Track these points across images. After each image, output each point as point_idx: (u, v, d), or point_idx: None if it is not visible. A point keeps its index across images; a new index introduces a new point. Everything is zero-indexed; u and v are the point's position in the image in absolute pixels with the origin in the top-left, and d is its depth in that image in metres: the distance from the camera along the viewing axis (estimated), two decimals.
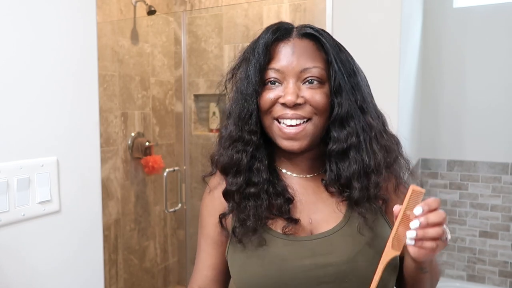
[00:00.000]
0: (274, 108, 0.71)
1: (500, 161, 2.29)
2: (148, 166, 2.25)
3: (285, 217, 0.72)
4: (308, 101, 0.69)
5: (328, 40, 0.72)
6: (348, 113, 0.70)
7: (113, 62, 2.12)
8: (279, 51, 0.71)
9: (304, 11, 2.16)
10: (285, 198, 0.73)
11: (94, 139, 0.93)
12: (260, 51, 0.71)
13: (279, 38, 0.71)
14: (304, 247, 0.70)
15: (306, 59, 0.70)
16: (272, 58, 0.71)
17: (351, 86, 0.71)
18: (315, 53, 0.71)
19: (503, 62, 2.25)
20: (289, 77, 0.70)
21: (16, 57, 0.77)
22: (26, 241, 0.81)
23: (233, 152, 0.73)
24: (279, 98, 0.70)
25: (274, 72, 0.70)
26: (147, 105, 2.36)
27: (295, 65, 0.69)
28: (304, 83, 0.70)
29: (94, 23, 0.92)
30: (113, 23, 2.12)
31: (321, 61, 0.71)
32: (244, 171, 0.72)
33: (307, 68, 0.69)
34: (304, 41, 0.71)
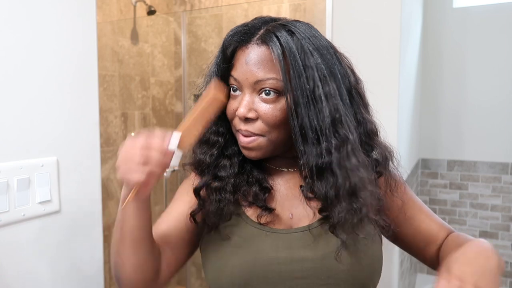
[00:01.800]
0: (235, 120, 0.69)
1: (500, 161, 2.29)
2: None
3: (259, 205, 0.70)
4: (260, 117, 0.65)
5: (289, 45, 0.63)
6: (311, 127, 0.63)
7: (113, 62, 2.12)
8: (237, 58, 0.67)
9: (304, 11, 2.16)
10: (262, 186, 0.72)
11: (94, 139, 0.93)
12: (220, 54, 0.69)
13: (239, 43, 0.66)
14: (281, 240, 0.69)
15: (260, 70, 0.64)
16: (234, 65, 0.67)
17: (315, 96, 0.63)
18: (272, 62, 0.64)
19: (503, 62, 2.26)
20: (245, 88, 0.66)
21: (16, 57, 0.77)
22: (26, 241, 0.81)
23: (199, 153, 0.73)
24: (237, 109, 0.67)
25: (233, 80, 0.67)
26: (147, 105, 2.36)
27: (248, 76, 0.65)
28: (260, 94, 0.65)
29: (94, 23, 0.92)
30: (113, 23, 2.12)
31: (280, 70, 0.63)
32: (209, 170, 0.72)
33: (260, 80, 0.64)
34: (261, 48, 0.64)
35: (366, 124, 0.70)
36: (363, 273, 0.68)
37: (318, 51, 0.65)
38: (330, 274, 0.66)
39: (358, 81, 0.72)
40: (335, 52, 0.68)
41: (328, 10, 1.52)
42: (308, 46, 0.64)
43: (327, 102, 0.64)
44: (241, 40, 0.66)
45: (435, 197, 2.48)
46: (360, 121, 0.69)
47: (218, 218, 0.70)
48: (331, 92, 0.64)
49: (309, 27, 0.68)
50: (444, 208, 2.45)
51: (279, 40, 0.63)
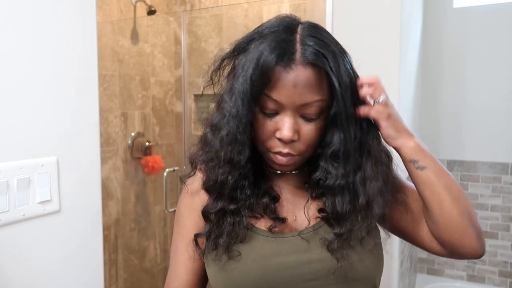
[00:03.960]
0: (270, 142, 0.65)
1: (500, 161, 2.29)
2: (148, 166, 2.26)
3: (272, 217, 0.69)
4: (302, 138, 0.64)
5: (330, 63, 0.61)
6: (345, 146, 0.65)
7: (113, 62, 2.12)
8: (279, 78, 0.61)
9: (304, 11, 2.16)
10: (270, 196, 0.70)
11: (94, 139, 0.93)
12: (255, 72, 0.61)
13: (278, 62, 0.60)
14: (287, 244, 0.68)
15: (309, 93, 0.61)
16: (271, 84, 0.61)
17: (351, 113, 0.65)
18: (318, 83, 0.62)
19: (503, 62, 2.25)
20: (288, 109, 0.62)
21: (16, 57, 0.77)
22: (26, 241, 0.81)
23: (217, 173, 0.67)
24: (276, 131, 0.64)
25: (272, 102, 0.62)
26: (147, 105, 2.36)
27: (296, 99, 0.61)
28: (303, 115, 0.64)
29: (94, 23, 0.92)
30: (113, 23, 2.12)
31: (325, 90, 0.63)
32: (228, 194, 0.68)
33: (308, 103, 0.62)
34: (307, 70, 0.61)
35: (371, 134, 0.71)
36: (368, 269, 0.69)
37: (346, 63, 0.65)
38: (339, 274, 0.66)
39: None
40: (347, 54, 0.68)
41: (328, 10, 1.52)
42: (341, 60, 0.64)
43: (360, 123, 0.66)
44: (282, 59, 0.60)
45: None
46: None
47: (231, 239, 0.67)
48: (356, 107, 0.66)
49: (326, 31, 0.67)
50: None
51: (324, 58, 0.61)
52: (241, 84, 0.62)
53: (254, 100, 0.63)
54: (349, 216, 0.67)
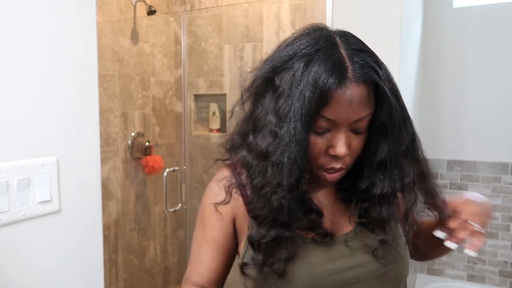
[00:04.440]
0: (321, 159, 0.65)
1: (500, 161, 2.29)
2: (148, 166, 2.26)
3: (319, 232, 0.69)
4: (351, 151, 0.64)
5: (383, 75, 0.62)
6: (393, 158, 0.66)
7: (113, 62, 2.12)
8: (335, 98, 0.59)
9: (304, 11, 2.16)
10: (315, 212, 0.68)
11: (94, 139, 0.93)
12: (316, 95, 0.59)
13: (334, 83, 0.59)
14: (332, 250, 0.70)
15: (362, 109, 0.61)
16: (326, 103, 0.60)
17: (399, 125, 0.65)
18: (370, 97, 0.62)
19: (503, 62, 2.25)
20: (341, 127, 0.62)
21: (16, 57, 0.77)
22: (26, 241, 0.81)
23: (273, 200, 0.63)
24: (328, 148, 0.63)
25: (326, 122, 0.61)
26: (147, 105, 2.36)
27: (350, 117, 0.61)
28: (353, 129, 0.63)
29: (94, 23, 0.92)
30: (113, 23, 2.12)
31: (373, 102, 0.63)
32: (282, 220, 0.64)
33: (361, 118, 0.62)
34: (361, 87, 0.60)
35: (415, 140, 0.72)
36: (402, 268, 0.72)
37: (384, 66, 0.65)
38: (378, 274, 0.69)
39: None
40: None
41: (328, 10, 1.52)
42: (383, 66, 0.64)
43: (406, 129, 0.66)
44: (336, 80, 0.59)
45: None
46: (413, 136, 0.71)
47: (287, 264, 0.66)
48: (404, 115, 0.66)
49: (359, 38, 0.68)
50: None
51: (375, 73, 0.61)
52: (298, 106, 0.60)
53: (312, 122, 0.61)
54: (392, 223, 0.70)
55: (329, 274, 0.68)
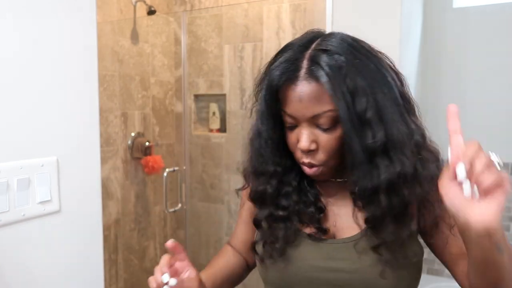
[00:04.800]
0: (296, 153, 0.70)
1: None
2: (148, 166, 2.25)
3: (316, 226, 0.73)
4: (321, 148, 0.66)
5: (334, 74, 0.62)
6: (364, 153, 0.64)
7: (113, 62, 2.12)
8: (287, 94, 0.65)
9: (304, 11, 2.15)
10: (316, 207, 0.74)
11: (94, 139, 0.93)
12: (267, 93, 0.67)
13: (286, 80, 0.65)
14: (323, 249, 0.72)
15: (316, 105, 0.63)
16: (284, 101, 0.66)
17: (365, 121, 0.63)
18: (325, 94, 0.63)
19: (503, 62, 2.25)
20: (302, 122, 0.66)
21: (16, 57, 0.77)
22: (26, 241, 0.81)
23: (257, 185, 0.75)
24: (298, 142, 0.68)
25: (288, 117, 0.67)
26: (147, 105, 2.36)
27: (305, 112, 0.64)
28: (318, 125, 0.65)
29: (94, 23, 0.92)
30: (113, 23, 2.12)
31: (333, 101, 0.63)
32: (271, 200, 0.74)
33: (317, 114, 0.64)
34: (311, 84, 0.63)
35: (413, 135, 0.67)
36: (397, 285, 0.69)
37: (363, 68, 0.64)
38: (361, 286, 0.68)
39: (403, 82, 0.70)
40: (377, 58, 0.67)
41: (328, 10, 1.52)
42: (352, 69, 0.63)
43: (378, 124, 0.64)
44: (288, 78, 0.64)
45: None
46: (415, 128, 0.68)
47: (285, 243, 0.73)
48: (380, 112, 0.64)
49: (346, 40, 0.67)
50: None
51: (325, 72, 0.62)
52: (259, 104, 0.71)
53: (272, 118, 0.69)
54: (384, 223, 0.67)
55: (314, 270, 0.70)
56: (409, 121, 0.68)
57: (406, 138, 0.65)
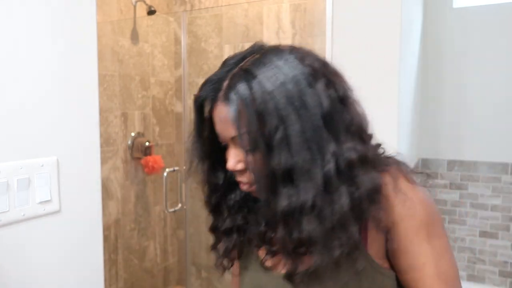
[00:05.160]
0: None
1: (500, 161, 2.29)
2: (148, 166, 2.25)
3: (266, 247, 0.70)
4: (249, 168, 0.63)
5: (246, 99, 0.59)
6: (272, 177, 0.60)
7: (113, 62, 2.12)
8: (212, 115, 0.66)
9: (304, 11, 2.15)
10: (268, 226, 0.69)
11: (94, 139, 0.93)
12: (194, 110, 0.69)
13: (210, 100, 0.65)
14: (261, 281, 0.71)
15: (232, 127, 0.61)
16: (212, 120, 0.66)
17: (274, 146, 0.59)
18: (238, 117, 0.60)
19: (503, 62, 2.25)
20: (227, 142, 0.65)
21: (16, 57, 0.77)
22: (26, 241, 0.81)
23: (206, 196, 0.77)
24: None
25: (219, 136, 0.67)
26: (147, 105, 2.36)
27: (225, 134, 0.64)
28: (243, 147, 0.62)
29: (94, 23, 0.92)
30: (113, 23, 2.12)
31: (244, 126, 0.61)
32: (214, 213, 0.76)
33: (234, 136, 0.62)
34: (227, 107, 0.61)
35: (342, 156, 0.60)
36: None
37: (280, 92, 0.59)
38: None
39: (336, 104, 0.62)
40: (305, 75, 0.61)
41: (328, 10, 1.52)
42: (266, 93, 0.59)
43: (285, 150, 0.59)
44: (211, 97, 0.65)
45: (435, 197, 2.48)
46: (335, 153, 0.60)
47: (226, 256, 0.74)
48: (289, 138, 0.58)
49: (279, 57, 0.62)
50: (444, 208, 2.45)
51: (238, 95, 0.59)
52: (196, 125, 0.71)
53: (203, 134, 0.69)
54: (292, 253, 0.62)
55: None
56: (329, 145, 0.60)
57: (319, 164, 0.59)
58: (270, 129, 0.59)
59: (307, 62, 0.62)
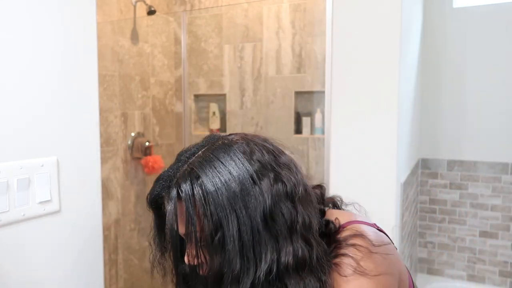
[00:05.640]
0: None
1: (500, 161, 2.29)
2: (148, 166, 2.25)
3: None
4: (199, 264, 0.63)
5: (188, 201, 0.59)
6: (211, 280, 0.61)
7: (113, 62, 2.12)
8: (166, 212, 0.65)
9: (304, 11, 2.16)
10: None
11: (94, 139, 0.93)
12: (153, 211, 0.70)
13: (163, 196, 0.65)
14: None
15: (181, 225, 0.62)
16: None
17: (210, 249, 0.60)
18: (182, 217, 0.61)
19: (503, 62, 2.26)
20: (185, 238, 0.64)
21: (16, 57, 0.77)
22: (26, 241, 0.81)
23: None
24: None
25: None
26: (147, 105, 2.36)
27: (180, 230, 0.63)
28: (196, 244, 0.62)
29: (94, 23, 0.92)
30: (113, 23, 2.12)
31: (198, 222, 0.60)
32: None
33: (186, 233, 0.61)
34: (174, 206, 0.61)
35: (279, 261, 0.59)
36: None
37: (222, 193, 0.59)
38: None
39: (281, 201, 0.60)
40: (253, 179, 0.60)
41: (328, 10, 1.52)
42: (210, 198, 0.59)
43: (219, 253, 0.59)
44: (161, 195, 0.66)
45: (435, 197, 2.48)
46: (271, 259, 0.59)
47: None
48: (224, 241, 0.58)
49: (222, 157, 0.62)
50: (444, 208, 2.45)
51: (182, 195, 0.60)
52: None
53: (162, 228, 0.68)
54: None
55: None
56: (267, 250, 0.59)
57: (251, 273, 0.58)
58: (208, 233, 0.59)
59: (256, 157, 0.61)
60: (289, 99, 2.25)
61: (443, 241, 2.43)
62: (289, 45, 2.21)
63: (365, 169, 1.49)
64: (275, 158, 0.64)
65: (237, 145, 0.63)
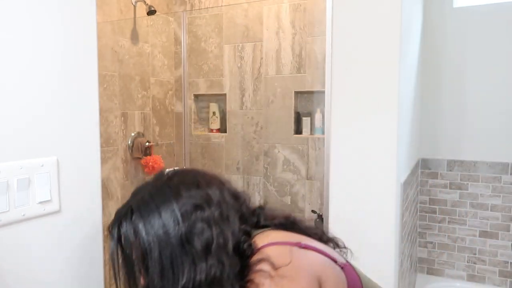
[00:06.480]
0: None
1: (500, 161, 2.29)
2: (148, 166, 2.26)
3: None
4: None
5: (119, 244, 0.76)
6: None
7: (113, 62, 2.12)
8: None
9: (304, 11, 2.16)
10: None
11: (94, 139, 0.93)
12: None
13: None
14: None
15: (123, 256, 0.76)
16: None
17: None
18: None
19: (503, 62, 2.26)
20: None
21: (16, 57, 0.77)
22: (26, 241, 0.81)
23: None
24: None
25: None
26: (147, 105, 2.36)
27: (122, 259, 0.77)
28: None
29: (94, 23, 0.92)
30: (113, 23, 2.12)
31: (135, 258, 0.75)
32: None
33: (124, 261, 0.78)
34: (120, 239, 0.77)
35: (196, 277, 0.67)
36: None
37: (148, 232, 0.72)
38: None
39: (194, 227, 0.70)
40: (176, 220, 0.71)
41: (328, 10, 1.52)
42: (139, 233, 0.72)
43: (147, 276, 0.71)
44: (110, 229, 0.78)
45: (435, 197, 2.48)
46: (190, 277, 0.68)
47: None
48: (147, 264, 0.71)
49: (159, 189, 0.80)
50: (444, 208, 2.45)
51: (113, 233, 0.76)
52: None
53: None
54: None
55: None
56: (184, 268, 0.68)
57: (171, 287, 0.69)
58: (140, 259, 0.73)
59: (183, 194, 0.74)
60: (289, 99, 2.25)
61: (443, 241, 2.44)
62: (289, 45, 2.21)
63: (365, 169, 1.49)
64: (201, 191, 0.75)
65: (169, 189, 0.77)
